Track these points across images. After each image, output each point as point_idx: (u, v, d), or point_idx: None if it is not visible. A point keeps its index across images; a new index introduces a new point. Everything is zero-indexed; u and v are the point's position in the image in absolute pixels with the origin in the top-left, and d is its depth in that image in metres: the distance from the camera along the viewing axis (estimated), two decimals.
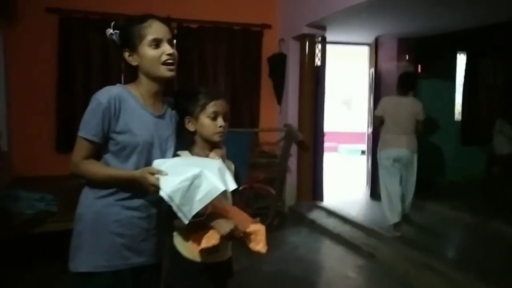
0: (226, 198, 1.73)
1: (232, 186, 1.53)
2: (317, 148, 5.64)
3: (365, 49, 6.61)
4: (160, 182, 1.45)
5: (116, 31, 1.67)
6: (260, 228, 1.69)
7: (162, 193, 1.44)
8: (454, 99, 7.13)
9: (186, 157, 1.70)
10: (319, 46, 5.53)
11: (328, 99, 5.78)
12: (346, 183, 7.06)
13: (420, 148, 4.65)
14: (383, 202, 4.55)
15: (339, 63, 9.84)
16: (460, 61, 7.09)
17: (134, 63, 1.65)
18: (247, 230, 1.65)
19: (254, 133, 5.42)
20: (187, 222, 1.46)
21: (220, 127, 1.70)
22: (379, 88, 5.95)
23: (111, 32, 1.68)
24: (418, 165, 4.61)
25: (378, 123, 4.68)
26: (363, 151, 8.98)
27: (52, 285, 3.18)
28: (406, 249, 4.05)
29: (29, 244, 3.76)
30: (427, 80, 6.52)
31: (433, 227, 4.83)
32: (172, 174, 1.47)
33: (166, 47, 1.63)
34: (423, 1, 4.28)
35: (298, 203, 5.62)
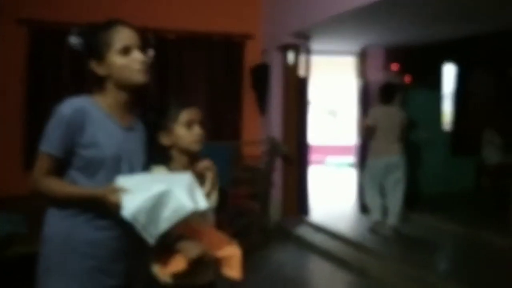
0: (204, 217, 1.65)
1: (203, 204, 1.44)
2: (302, 161, 5.53)
3: (350, 59, 6.53)
4: (123, 201, 1.37)
5: (79, 39, 1.58)
6: (235, 252, 1.63)
7: (125, 213, 1.36)
8: (442, 109, 7.14)
9: (154, 173, 1.63)
10: (304, 57, 5.44)
11: (313, 109, 5.70)
12: (334, 196, 6.96)
13: (409, 158, 4.84)
14: (368, 208, 4.98)
15: (324, 74, 9.83)
16: (448, 71, 7.11)
17: (102, 73, 1.56)
18: (220, 255, 1.59)
19: (236, 146, 5.33)
20: (152, 243, 1.40)
21: (197, 134, 1.66)
22: (367, 98, 5.91)
23: (74, 40, 1.58)
24: (407, 175, 4.84)
25: (371, 133, 4.79)
26: (350, 164, 8.94)
27: None
28: (396, 263, 4.03)
29: None
30: (415, 90, 6.50)
31: (423, 239, 4.82)
32: (135, 192, 1.39)
33: (137, 55, 1.55)
34: (408, 11, 4.22)
35: (284, 219, 5.47)
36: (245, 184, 4.86)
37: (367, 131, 4.85)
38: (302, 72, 5.46)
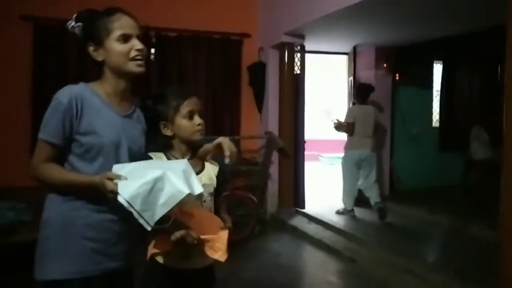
0: (202, 202, 1.65)
1: (198, 189, 1.42)
2: (298, 155, 5.67)
3: (343, 58, 6.70)
4: (118, 188, 1.34)
5: (78, 24, 1.57)
6: (221, 235, 1.58)
7: (120, 198, 1.33)
8: (432, 106, 7.26)
9: (152, 160, 1.60)
10: (298, 55, 5.58)
11: (308, 108, 5.84)
12: (327, 191, 7.06)
13: (399, 154, 4.91)
14: (343, 192, 5.43)
15: (319, 73, 9.94)
16: (437, 69, 7.22)
17: (99, 59, 1.55)
18: (203, 236, 1.53)
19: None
20: (149, 229, 1.36)
21: (198, 125, 1.65)
22: None
23: (73, 25, 1.57)
24: (397, 170, 5.12)
25: (352, 129, 5.26)
26: None
27: None
28: (386, 253, 4.10)
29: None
30: (405, 88, 6.63)
31: (412, 232, 4.91)
32: (131, 179, 1.36)
33: (135, 42, 1.54)
34: (399, 11, 4.37)
35: (280, 210, 5.63)
36: (243, 177, 4.95)
37: (348, 128, 5.28)
38: (297, 70, 5.59)
